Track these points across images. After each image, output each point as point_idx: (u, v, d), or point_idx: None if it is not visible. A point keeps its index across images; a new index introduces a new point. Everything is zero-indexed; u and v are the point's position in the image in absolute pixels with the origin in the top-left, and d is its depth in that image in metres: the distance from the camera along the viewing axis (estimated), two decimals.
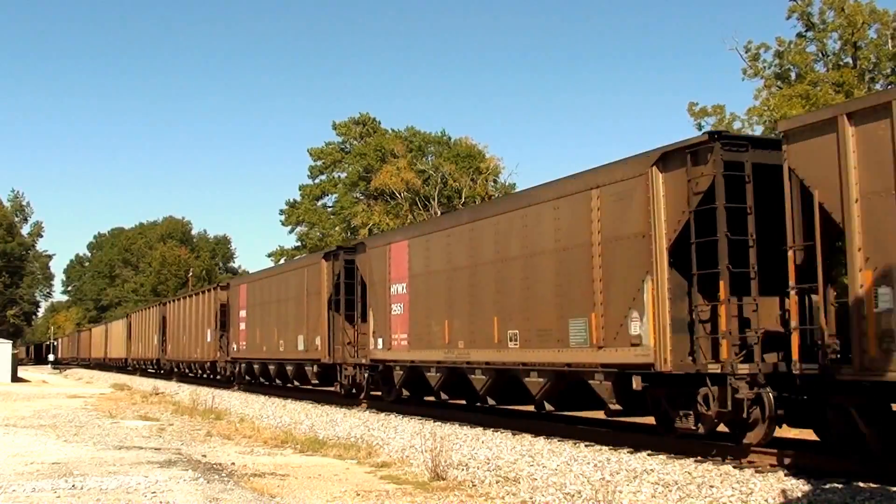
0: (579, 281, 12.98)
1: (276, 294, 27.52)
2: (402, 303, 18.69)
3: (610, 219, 12.41)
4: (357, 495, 9.76)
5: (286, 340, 26.04)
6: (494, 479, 10.50)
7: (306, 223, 70.61)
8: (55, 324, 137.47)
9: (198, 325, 37.24)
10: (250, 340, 29.98)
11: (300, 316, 24.88)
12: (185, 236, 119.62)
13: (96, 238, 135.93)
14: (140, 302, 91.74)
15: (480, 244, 15.96)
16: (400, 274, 18.90)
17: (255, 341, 29.27)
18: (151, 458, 12.89)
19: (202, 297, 37.20)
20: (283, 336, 26.29)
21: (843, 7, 40.18)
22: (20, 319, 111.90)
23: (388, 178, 61.62)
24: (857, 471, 9.55)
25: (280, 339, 26.61)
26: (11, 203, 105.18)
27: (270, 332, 27.59)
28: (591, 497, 9.22)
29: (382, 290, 19.66)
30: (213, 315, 34.58)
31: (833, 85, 38.05)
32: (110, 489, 9.93)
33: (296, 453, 14.10)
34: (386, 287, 19.44)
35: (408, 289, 18.50)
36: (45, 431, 17.47)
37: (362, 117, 71.28)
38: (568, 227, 13.39)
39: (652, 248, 11.50)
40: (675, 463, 10.98)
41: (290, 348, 25.60)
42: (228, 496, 9.42)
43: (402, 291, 18.74)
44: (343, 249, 22.93)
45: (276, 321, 27.09)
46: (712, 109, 43.52)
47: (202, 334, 36.33)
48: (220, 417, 20.74)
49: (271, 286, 28.28)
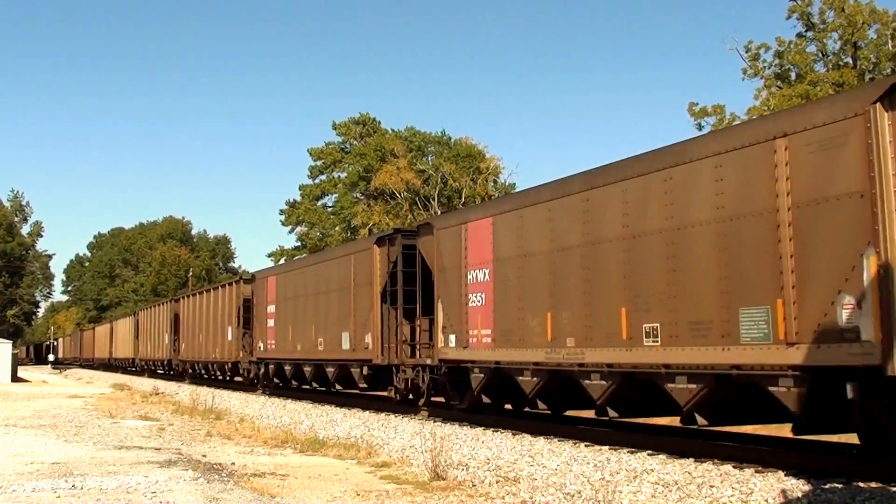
0: (755, 258, 10.15)
1: (313, 286, 24.39)
2: (484, 292, 15.66)
3: (806, 176, 9.65)
4: (357, 495, 9.76)
5: (327, 339, 23.03)
6: (494, 479, 10.49)
7: (306, 223, 70.70)
8: (55, 324, 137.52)
9: (216, 323, 34.58)
10: (280, 339, 26.90)
11: (345, 310, 21.88)
12: (185, 236, 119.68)
13: (96, 238, 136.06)
14: (140, 302, 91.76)
15: (599, 217, 12.76)
16: (480, 258, 15.86)
17: (287, 340, 26.22)
18: (151, 458, 12.89)
19: (222, 291, 34.39)
20: (323, 334, 23.33)
21: (843, 7, 40.21)
22: (20, 319, 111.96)
23: (388, 178, 61.69)
24: (857, 471, 9.54)
25: (319, 338, 23.64)
26: (11, 203, 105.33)
27: (306, 329, 24.64)
28: (591, 497, 9.22)
29: (456, 277, 16.72)
30: (234, 311, 31.83)
31: (833, 85, 38.04)
32: (110, 489, 9.93)
33: (296, 453, 14.10)
34: (461, 274, 16.49)
35: (491, 275, 15.45)
36: (45, 431, 17.46)
37: (362, 117, 71.37)
38: (737, 189, 10.48)
39: (876, 211, 8.81)
40: (675, 463, 10.97)
41: (332, 347, 22.65)
42: (228, 496, 9.42)
43: (484, 279, 15.71)
44: (401, 232, 19.95)
45: (314, 317, 24.06)
46: (712, 109, 43.65)
47: (222, 332, 33.60)
48: (220, 417, 20.74)
49: (308, 277, 25.08)
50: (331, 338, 22.70)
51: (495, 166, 65.03)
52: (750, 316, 10.21)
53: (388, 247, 20.03)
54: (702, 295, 10.87)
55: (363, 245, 22.22)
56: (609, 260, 12.44)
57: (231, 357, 32.14)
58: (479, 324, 15.93)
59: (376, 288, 20.20)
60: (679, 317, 11.19)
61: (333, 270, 23.02)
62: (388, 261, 19.93)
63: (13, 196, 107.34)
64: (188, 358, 39.67)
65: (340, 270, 22.49)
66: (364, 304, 20.80)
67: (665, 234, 11.50)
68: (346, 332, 21.68)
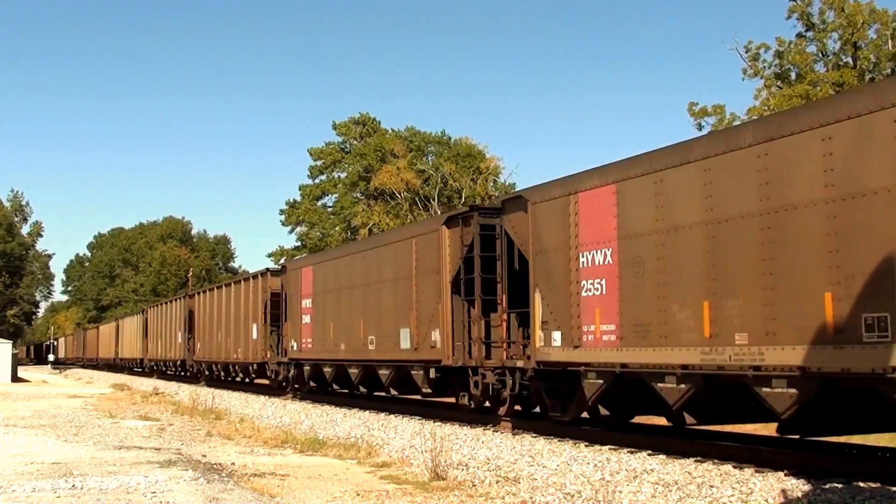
0: None
1: (361, 276, 21.10)
2: (604, 278, 12.76)
3: None
4: (357, 495, 9.76)
5: (380, 336, 19.84)
6: (494, 479, 10.49)
7: (306, 223, 70.71)
8: (55, 324, 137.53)
9: (239, 320, 31.59)
10: (319, 337, 23.61)
11: (404, 303, 18.67)
12: (185, 236, 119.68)
13: (96, 238, 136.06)
14: (140, 302, 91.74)
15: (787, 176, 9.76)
16: (598, 235, 12.86)
17: (328, 337, 22.91)
18: (151, 458, 12.89)
19: (245, 285, 31.41)
20: (375, 331, 20.11)
21: (843, 7, 40.23)
22: (20, 319, 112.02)
23: (388, 178, 61.70)
24: (857, 471, 9.54)
25: (369, 335, 20.36)
26: (11, 203, 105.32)
27: (352, 325, 21.32)
28: (591, 497, 9.22)
29: (561, 261, 13.65)
30: (260, 307, 28.97)
31: (833, 85, 38.05)
32: (110, 489, 9.93)
33: (296, 453, 14.10)
34: (568, 257, 13.46)
35: (615, 257, 12.48)
36: (45, 431, 17.46)
37: (362, 117, 71.36)
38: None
39: None
40: (675, 463, 10.98)
41: (387, 346, 19.40)
42: (228, 496, 9.42)
43: (605, 261, 12.76)
44: (478, 210, 16.55)
45: (363, 311, 20.82)
46: (712, 109, 43.66)
47: (245, 330, 30.65)
48: (220, 417, 20.75)
49: (354, 266, 21.67)
50: (385, 335, 19.57)
51: (495, 166, 65.07)
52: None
53: (460, 227, 16.89)
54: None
55: (428, 226, 18.80)
56: (804, 232, 9.53)
57: (256, 357, 29.30)
58: (596, 317, 12.88)
59: (445, 276, 17.10)
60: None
61: (388, 257, 19.75)
62: (460, 244, 16.76)
63: (13, 196, 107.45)
64: (205, 358, 36.93)
65: (398, 257, 19.21)
66: (429, 295, 17.66)
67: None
68: (406, 328, 18.57)
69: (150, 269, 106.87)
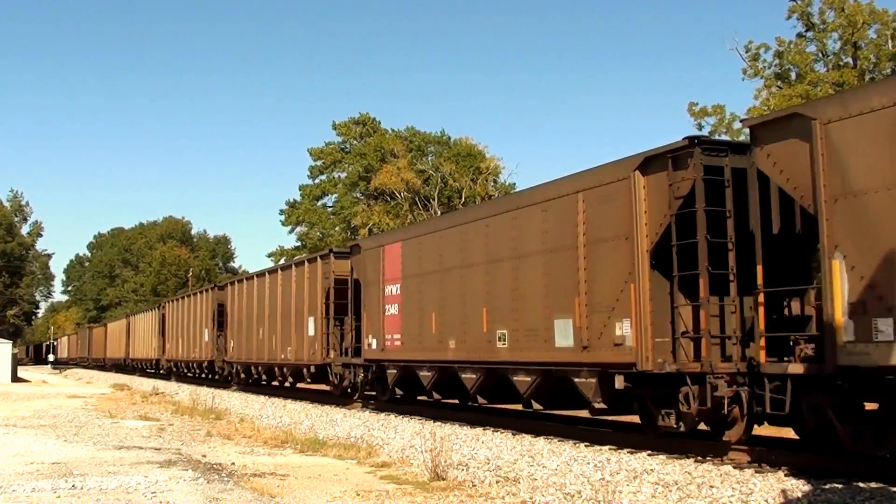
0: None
1: (484, 250, 16.00)
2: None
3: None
4: (357, 495, 9.76)
5: (517, 330, 14.80)
6: (494, 479, 10.49)
7: (306, 223, 70.71)
8: (55, 324, 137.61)
9: (289, 313, 26.44)
10: (412, 332, 18.61)
11: (563, 284, 13.65)
12: (185, 236, 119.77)
13: (96, 238, 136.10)
14: (140, 302, 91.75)
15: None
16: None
17: (427, 333, 17.92)
18: (151, 458, 12.89)
19: (299, 272, 26.12)
20: (508, 322, 15.04)
21: (843, 7, 40.22)
22: (20, 319, 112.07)
23: (388, 178, 61.67)
24: (857, 471, 9.54)
25: (497, 329, 15.36)
26: (11, 203, 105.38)
27: (468, 316, 16.34)
28: (591, 497, 9.22)
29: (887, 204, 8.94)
30: (320, 297, 24.02)
31: (833, 85, 38.04)
32: (110, 489, 9.93)
33: (296, 453, 14.10)
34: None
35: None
36: (45, 431, 17.46)
37: (362, 117, 71.36)
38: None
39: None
40: (675, 463, 10.98)
41: (530, 343, 14.43)
42: (228, 496, 9.42)
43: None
44: (700, 144, 11.48)
45: (486, 298, 15.78)
46: (712, 109, 43.62)
47: (298, 326, 25.56)
48: (220, 417, 20.75)
49: (472, 238, 16.49)
50: (527, 328, 14.56)
51: (495, 166, 65.01)
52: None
53: (667, 171, 11.81)
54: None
55: (608, 174, 13.05)
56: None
57: (315, 358, 24.17)
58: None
59: (641, 244, 12.13)
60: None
61: (533, 222, 14.59)
62: (668, 196, 11.76)
63: (13, 196, 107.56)
64: (240, 359, 31.84)
65: (552, 220, 14.10)
66: (610, 272, 12.71)
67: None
68: (565, 318, 13.57)
69: (150, 270, 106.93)
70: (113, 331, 66.46)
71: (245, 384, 32.43)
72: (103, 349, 69.82)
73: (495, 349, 15.45)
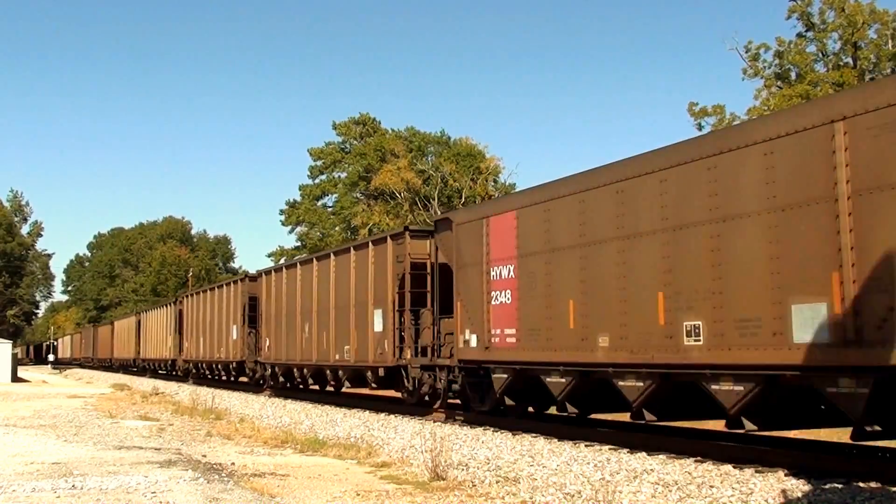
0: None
1: (658, 213, 11.79)
2: None
3: None
4: (357, 495, 9.76)
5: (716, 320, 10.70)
6: (494, 479, 10.49)
7: (306, 223, 70.76)
8: (55, 324, 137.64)
9: (347, 307, 22.24)
10: (531, 325, 14.55)
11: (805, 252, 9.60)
12: (185, 236, 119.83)
13: (96, 238, 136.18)
14: (140, 302, 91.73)
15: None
16: None
17: (561, 326, 13.69)
18: (151, 458, 12.89)
19: (357, 255, 22.10)
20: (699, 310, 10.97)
21: (843, 7, 40.24)
22: (20, 319, 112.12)
23: (388, 178, 61.70)
24: (857, 471, 9.54)
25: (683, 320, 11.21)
26: (11, 203, 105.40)
27: (633, 302, 12.15)
28: (591, 497, 9.22)
29: None
30: (389, 285, 19.99)
31: (833, 85, 38.05)
32: (110, 489, 9.92)
33: (296, 453, 14.10)
34: None
35: None
36: (45, 431, 17.46)
37: (362, 117, 71.41)
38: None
39: None
40: (675, 463, 10.97)
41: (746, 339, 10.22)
42: (228, 496, 9.42)
43: None
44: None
45: (664, 278, 11.60)
46: (712, 109, 43.67)
47: (360, 321, 21.49)
48: (220, 417, 20.74)
49: (635, 196, 12.26)
50: (738, 318, 10.39)
51: (495, 166, 65.08)
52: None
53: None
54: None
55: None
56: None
57: (384, 359, 20.09)
58: None
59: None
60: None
61: (750, 169, 10.41)
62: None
63: (13, 196, 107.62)
64: (278, 360, 27.82)
65: (784, 165, 9.97)
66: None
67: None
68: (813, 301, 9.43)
69: (150, 270, 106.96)
70: (121, 329, 61.42)
71: (283, 388, 28.39)
72: (110, 349, 65.57)
73: (680, 347, 11.25)
